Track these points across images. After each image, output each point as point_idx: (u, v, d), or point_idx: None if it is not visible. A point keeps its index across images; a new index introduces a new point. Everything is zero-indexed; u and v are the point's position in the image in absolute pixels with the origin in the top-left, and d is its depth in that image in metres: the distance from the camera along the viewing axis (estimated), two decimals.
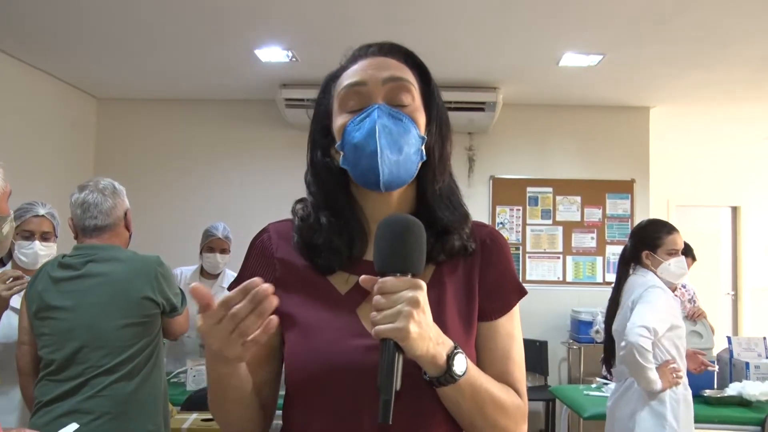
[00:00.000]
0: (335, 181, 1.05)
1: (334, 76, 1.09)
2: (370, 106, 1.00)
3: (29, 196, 2.78)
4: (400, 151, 0.98)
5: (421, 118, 1.04)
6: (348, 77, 1.04)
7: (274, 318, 0.85)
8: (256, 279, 0.85)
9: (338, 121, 1.03)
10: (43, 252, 2.61)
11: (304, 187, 1.13)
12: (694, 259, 4.18)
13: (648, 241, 2.93)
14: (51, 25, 3.91)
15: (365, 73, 1.03)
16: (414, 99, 1.04)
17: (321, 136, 1.08)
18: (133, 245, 2.42)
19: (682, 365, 2.78)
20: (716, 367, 2.95)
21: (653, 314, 2.72)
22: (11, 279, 2.36)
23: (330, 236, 1.03)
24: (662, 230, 2.94)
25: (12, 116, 4.43)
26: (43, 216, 2.65)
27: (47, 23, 3.88)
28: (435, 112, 1.07)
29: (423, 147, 1.02)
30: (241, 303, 0.84)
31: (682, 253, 2.96)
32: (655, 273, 2.88)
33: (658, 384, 2.70)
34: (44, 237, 2.65)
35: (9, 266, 2.74)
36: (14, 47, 4.34)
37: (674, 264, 2.85)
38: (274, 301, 0.84)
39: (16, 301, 2.48)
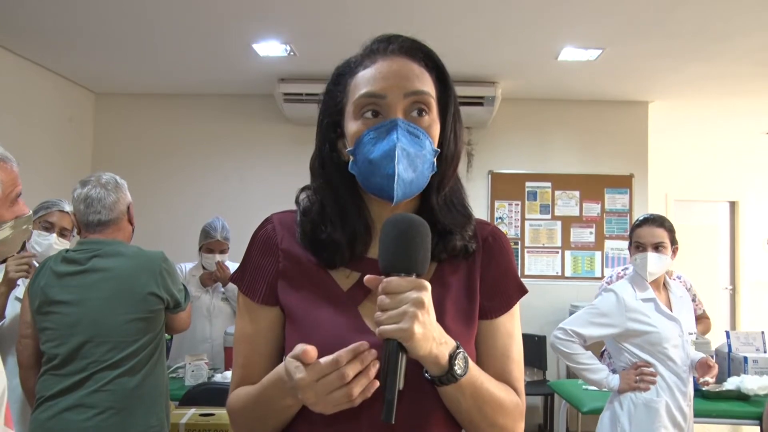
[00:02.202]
0: (342, 175, 1.04)
1: (350, 70, 1.04)
2: (390, 121, 0.97)
3: (27, 192, 2.78)
4: (415, 170, 0.97)
5: (436, 131, 1.02)
6: (366, 83, 1.00)
7: (376, 382, 0.88)
8: (365, 342, 0.87)
9: (352, 126, 1.00)
10: (57, 246, 2.66)
11: (302, 182, 1.11)
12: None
13: (629, 237, 2.94)
14: (48, 19, 3.89)
15: (386, 83, 0.99)
16: (431, 111, 1.01)
17: (330, 130, 1.05)
18: (132, 240, 2.43)
19: (665, 371, 2.71)
20: (710, 383, 2.87)
21: (584, 318, 2.85)
22: (24, 260, 2.47)
23: (332, 231, 1.02)
24: (634, 224, 2.91)
25: (9, 111, 4.42)
26: (66, 213, 2.72)
27: (44, 17, 3.87)
28: (450, 118, 1.05)
29: (435, 159, 1.01)
30: (351, 364, 0.86)
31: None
32: (636, 269, 2.85)
33: (603, 385, 2.77)
34: (62, 233, 2.72)
35: None
36: (11, 41, 4.32)
37: (639, 259, 2.78)
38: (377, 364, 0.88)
39: (21, 291, 2.52)
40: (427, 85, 1.01)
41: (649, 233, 2.78)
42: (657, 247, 2.75)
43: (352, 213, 1.04)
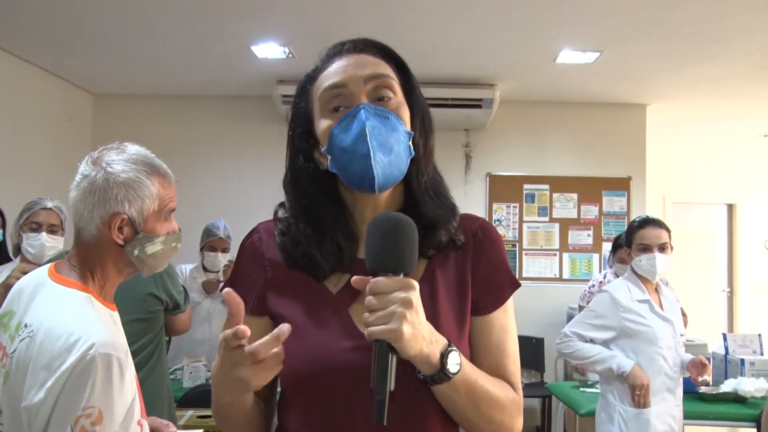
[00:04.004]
0: (319, 186, 1.04)
1: (311, 78, 1.07)
2: (354, 107, 0.98)
3: (25, 193, 2.81)
4: (391, 150, 0.96)
5: (406, 114, 1.02)
6: (327, 78, 1.02)
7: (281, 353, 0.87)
8: (285, 326, 0.86)
9: (322, 124, 1.01)
10: (49, 244, 2.64)
11: None
12: None
13: (628, 238, 2.95)
14: (47, 20, 3.90)
15: (345, 73, 1.00)
16: (396, 94, 1.02)
17: (302, 141, 1.06)
18: None
19: (656, 375, 2.73)
20: (707, 381, 2.88)
21: (582, 320, 2.90)
22: (30, 269, 2.44)
23: (313, 247, 1.02)
24: (634, 225, 2.93)
25: (8, 112, 4.42)
26: (50, 209, 2.71)
27: (43, 18, 3.87)
28: (417, 106, 1.06)
29: (410, 142, 1.01)
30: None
31: None
32: (635, 271, 2.87)
33: (614, 373, 2.73)
34: (51, 230, 2.71)
35: (18, 260, 2.77)
36: (10, 43, 4.32)
37: (645, 260, 2.79)
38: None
39: None
40: (385, 69, 1.02)
41: (655, 234, 2.80)
42: (662, 248, 2.78)
43: (333, 222, 1.03)
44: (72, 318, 1.24)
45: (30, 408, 1.16)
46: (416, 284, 0.88)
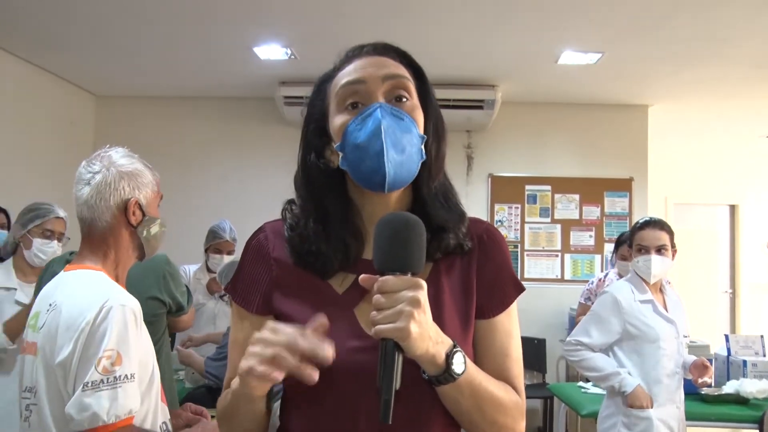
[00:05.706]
0: (329, 184, 1.04)
1: (329, 77, 1.07)
2: (371, 105, 0.99)
3: (27, 194, 2.82)
4: (404, 150, 0.97)
5: (420, 117, 1.03)
6: (345, 76, 1.02)
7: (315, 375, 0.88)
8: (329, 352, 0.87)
9: (337, 120, 1.01)
10: (59, 252, 2.72)
11: None
12: None
13: (630, 239, 2.95)
14: (49, 22, 3.91)
15: (364, 71, 1.01)
16: (412, 97, 1.03)
17: (315, 137, 1.06)
18: None
19: (658, 376, 2.72)
20: (708, 383, 2.88)
21: (584, 327, 2.87)
22: None
23: (321, 244, 1.02)
24: (636, 227, 2.92)
25: (10, 113, 4.43)
26: (62, 218, 2.79)
27: (45, 20, 3.88)
28: (431, 112, 1.06)
29: (423, 146, 1.01)
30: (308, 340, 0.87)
31: None
32: (636, 272, 2.87)
33: (617, 387, 2.73)
34: (60, 238, 2.76)
35: (10, 262, 2.78)
36: (13, 44, 4.34)
37: (641, 261, 2.79)
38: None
39: (20, 296, 2.55)
40: (402, 71, 1.04)
41: (653, 236, 2.79)
42: (659, 250, 2.77)
43: (341, 221, 1.03)
44: (89, 288, 1.46)
45: (63, 362, 1.36)
46: (424, 284, 0.88)
